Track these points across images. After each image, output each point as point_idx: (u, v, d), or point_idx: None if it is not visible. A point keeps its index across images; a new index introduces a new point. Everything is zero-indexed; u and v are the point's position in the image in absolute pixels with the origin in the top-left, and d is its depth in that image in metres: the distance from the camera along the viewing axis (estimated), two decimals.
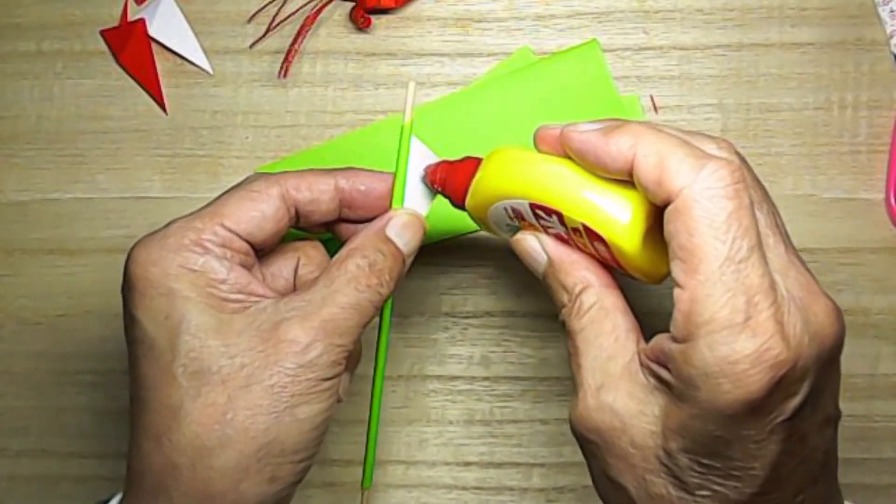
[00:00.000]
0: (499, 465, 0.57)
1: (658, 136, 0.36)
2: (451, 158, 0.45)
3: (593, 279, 0.40)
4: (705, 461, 0.35)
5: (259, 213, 0.42)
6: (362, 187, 0.43)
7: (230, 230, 0.41)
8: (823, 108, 0.57)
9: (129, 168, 0.59)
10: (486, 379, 0.57)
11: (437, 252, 0.57)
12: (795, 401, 0.35)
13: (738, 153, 0.38)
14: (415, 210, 0.44)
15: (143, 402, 0.40)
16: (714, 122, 0.57)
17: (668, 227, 0.35)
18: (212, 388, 0.38)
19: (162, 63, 0.58)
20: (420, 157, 0.44)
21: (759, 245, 0.35)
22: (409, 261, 0.43)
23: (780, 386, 0.34)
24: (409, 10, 0.58)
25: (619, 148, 0.36)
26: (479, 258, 0.57)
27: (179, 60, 0.59)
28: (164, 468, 0.39)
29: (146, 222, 0.58)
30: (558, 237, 0.41)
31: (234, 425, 0.38)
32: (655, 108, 0.57)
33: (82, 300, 0.58)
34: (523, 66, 0.58)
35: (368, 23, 0.58)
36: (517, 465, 0.57)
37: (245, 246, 0.42)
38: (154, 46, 0.58)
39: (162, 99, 0.58)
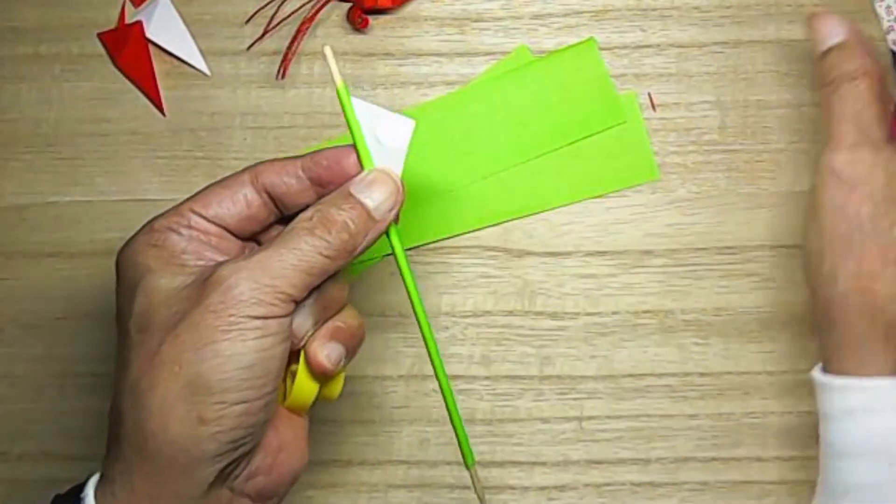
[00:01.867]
0: (500, 464, 0.57)
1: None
2: None
3: (874, 69, 0.46)
4: None
5: (227, 196, 0.43)
6: (324, 162, 0.43)
7: (198, 213, 0.43)
8: (821, 105, 0.57)
9: (128, 170, 0.59)
10: (487, 378, 0.57)
11: (437, 252, 0.57)
12: None
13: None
14: (385, 168, 0.43)
15: (116, 364, 0.42)
16: (712, 119, 0.57)
17: None
18: (150, 336, 0.40)
19: (160, 65, 0.59)
20: (370, 116, 0.43)
21: None
22: (381, 215, 0.42)
23: None
24: (407, 10, 0.58)
25: None
26: (480, 258, 0.57)
27: (177, 62, 0.59)
28: (115, 419, 0.41)
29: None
30: None
31: (162, 365, 0.39)
32: (654, 106, 0.57)
33: (82, 303, 0.58)
34: (521, 65, 0.58)
35: (366, 23, 0.58)
36: (518, 463, 0.57)
37: (215, 228, 0.43)
38: (152, 49, 0.58)
39: (160, 101, 0.58)
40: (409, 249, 0.57)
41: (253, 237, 0.45)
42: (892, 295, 0.42)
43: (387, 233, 0.43)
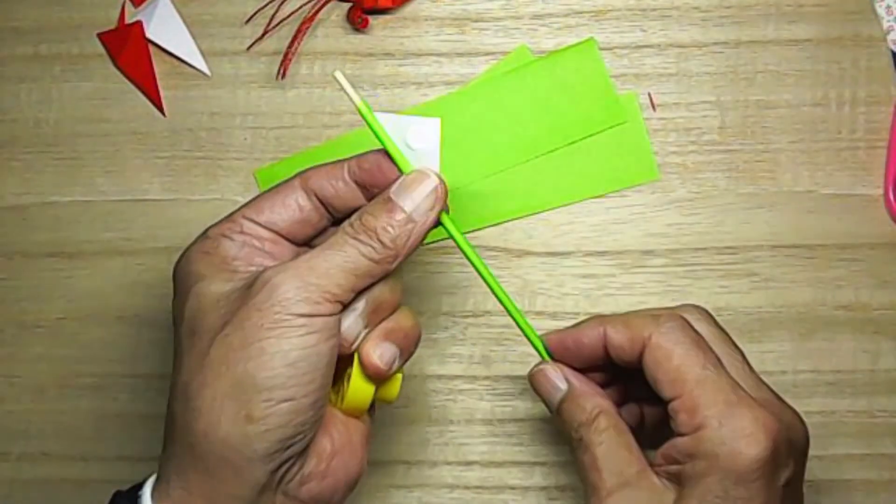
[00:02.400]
0: (500, 465, 0.57)
1: (613, 316, 0.46)
2: None
3: (606, 404, 0.45)
4: None
5: (278, 201, 0.45)
6: (366, 165, 0.44)
7: (250, 219, 0.44)
8: (821, 105, 0.57)
9: (128, 170, 0.59)
10: (487, 378, 0.57)
11: (437, 252, 0.57)
12: (787, 472, 0.42)
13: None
14: (423, 168, 0.44)
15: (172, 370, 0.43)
16: (712, 120, 0.57)
17: (648, 363, 0.44)
18: (200, 339, 0.41)
19: (160, 65, 0.59)
20: (396, 126, 0.44)
21: (722, 364, 0.44)
22: (421, 216, 0.43)
23: (777, 451, 0.41)
24: (407, 10, 0.58)
25: (590, 337, 0.46)
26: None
27: (177, 62, 0.59)
28: (169, 420, 0.42)
29: (145, 224, 0.58)
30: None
31: (210, 366, 0.40)
32: (654, 106, 0.57)
33: (82, 303, 0.58)
34: (521, 65, 0.58)
35: (366, 23, 0.58)
36: (518, 463, 0.57)
37: (268, 234, 0.44)
38: (152, 49, 0.58)
39: (160, 101, 0.58)
40: None
41: (307, 242, 0.46)
42: None
43: (440, 223, 0.44)
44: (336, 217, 0.46)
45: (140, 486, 0.42)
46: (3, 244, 0.59)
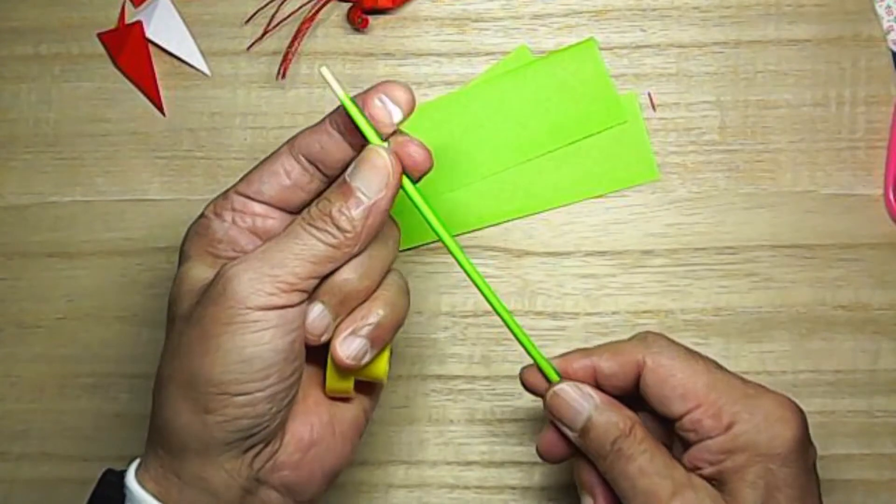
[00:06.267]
0: (500, 465, 0.57)
1: (596, 347, 0.46)
2: None
3: (633, 414, 0.45)
4: None
5: (266, 170, 0.44)
6: (344, 114, 0.43)
7: (241, 193, 0.44)
8: (821, 105, 0.57)
9: (128, 170, 0.59)
10: (487, 378, 0.57)
11: (437, 252, 0.57)
12: (813, 450, 0.44)
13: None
14: (373, 146, 0.42)
15: None
16: (712, 120, 0.57)
17: (650, 384, 0.44)
18: (172, 330, 0.42)
19: (160, 65, 0.59)
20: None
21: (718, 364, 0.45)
22: (374, 194, 0.41)
23: (806, 429, 0.43)
24: (407, 10, 0.58)
25: (576, 369, 0.46)
26: (480, 258, 0.57)
27: (177, 62, 0.59)
28: (150, 411, 0.43)
29: (145, 224, 0.58)
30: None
31: (173, 358, 0.41)
32: (654, 106, 0.57)
33: (82, 303, 0.58)
34: (521, 65, 0.58)
35: (366, 23, 0.58)
36: (518, 463, 0.57)
37: (260, 206, 0.44)
38: (152, 49, 0.58)
39: (160, 101, 0.58)
40: (409, 249, 0.57)
41: (303, 209, 0.44)
42: None
43: (405, 192, 0.43)
44: (328, 176, 0.44)
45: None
46: (2, 244, 0.59)
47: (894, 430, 0.56)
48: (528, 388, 0.47)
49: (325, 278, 0.42)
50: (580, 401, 0.45)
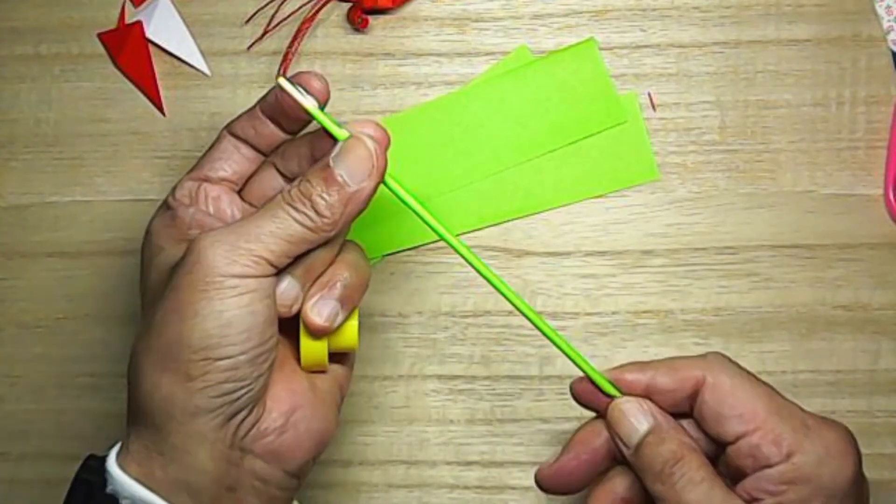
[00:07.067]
0: (500, 465, 0.57)
1: (653, 362, 0.45)
2: None
3: (690, 440, 0.44)
4: None
5: (214, 155, 0.46)
6: (270, 98, 0.45)
7: (195, 179, 0.46)
8: (821, 105, 0.57)
9: (128, 170, 0.59)
10: (487, 378, 0.57)
11: (437, 252, 0.57)
12: (866, 484, 0.44)
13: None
14: (359, 133, 0.43)
15: None
16: (712, 120, 0.57)
17: (709, 402, 0.43)
18: (149, 306, 0.43)
19: (160, 65, 0.59)
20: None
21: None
22: (357, 183, 0.42)
23: (861, 464, 0.43)
24: (407, 10, 0.58)
25: (630, 382, 0.45)
26: (480, 258, 0.57)
27: (177, 62, 0.59)
28: (128, 386, 0.43)
29: (145, 224, 0.58)
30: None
31: (151, 332, 0.41)
32: (654, 106, 0.57)
33: (82, 303, 0.58)
34: (521, 65, 0.58)
35: (366, 23, 0.58)
36: (519, 463, 0.57)
37: (214, 188, 0.46)
38: (152, 49, 0.58)
39: (160, 101, 0.58)
40: (410, 249, 0.57)
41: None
42: None
43: (387, 185, 0.43)
44: (266, 154, 0.47)
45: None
46: (2, 244, 0.59)
47: (894, 430, 0.56)
48: (582, 402, 0.46)
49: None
50: (641, 419, 0.44)
